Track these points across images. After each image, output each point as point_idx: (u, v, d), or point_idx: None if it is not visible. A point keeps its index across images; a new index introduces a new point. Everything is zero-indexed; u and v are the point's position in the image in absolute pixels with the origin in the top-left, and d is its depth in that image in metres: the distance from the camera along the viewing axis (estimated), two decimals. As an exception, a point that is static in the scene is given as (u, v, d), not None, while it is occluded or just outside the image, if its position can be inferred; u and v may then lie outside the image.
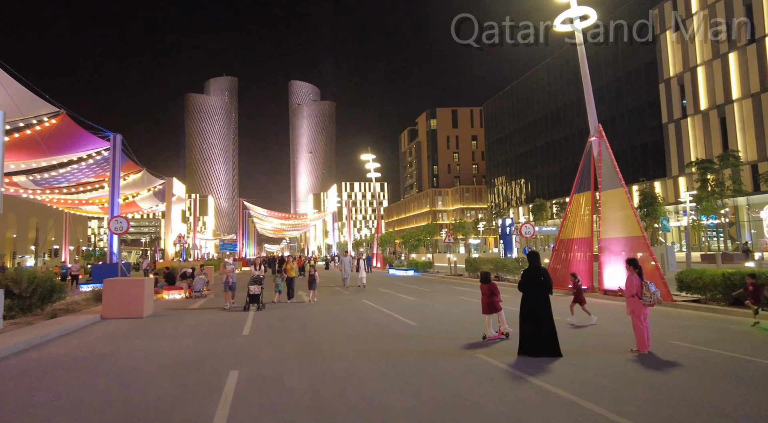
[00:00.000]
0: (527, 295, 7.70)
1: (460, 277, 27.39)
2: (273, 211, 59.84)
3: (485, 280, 8.67)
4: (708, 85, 42.57)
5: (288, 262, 16.46)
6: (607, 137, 15.61)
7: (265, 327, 10.24)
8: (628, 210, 14.66)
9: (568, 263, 17.04)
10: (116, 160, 25.48)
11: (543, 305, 7.55)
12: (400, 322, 10.60)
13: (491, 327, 8.57)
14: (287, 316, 11.77)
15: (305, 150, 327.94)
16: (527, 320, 7.53)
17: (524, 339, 7.49)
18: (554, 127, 67.73)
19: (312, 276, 15.50)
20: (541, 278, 7.73)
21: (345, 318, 11.56)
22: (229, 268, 14.38)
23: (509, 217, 38.96)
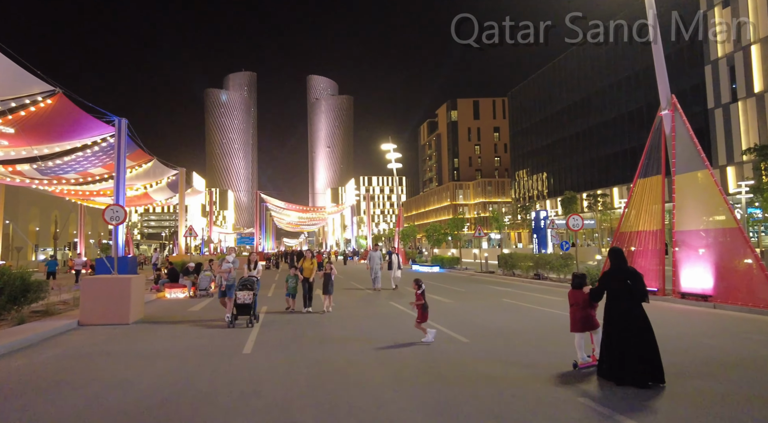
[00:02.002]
0: (613, 305, 5.69)
1: (492, 274, 24.94)
2: (290, 204, 58.09)
3: (579, 285, 6.28)
4: (764, 65, 38.85)
5: (305, 259, 12.59)
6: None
7: (273, 344, 7.98)
8: (716, 196, 12.01)
9: (632, 260, 14.45)
10: (121, 146, 23.58)
11: (636, 316, 5.56)
12: (444, 337, 8.30)
13: (582, 350, 6.18)
14: (299, 330, 9.19)
15: (323, 144, 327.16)
16: (614, 337, 5.58)
17: (610, 361, 5.60)
18: (584, 115, 64.19)
19: (328, 276, 12.07)
20: (628, 281, 5.69)
21: (373, 330, 9.24)
22: (225, 267, 10.52)
23: (544, 210, 36.20)
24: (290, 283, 12.02)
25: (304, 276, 12.20)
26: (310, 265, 12.47)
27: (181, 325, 9.71)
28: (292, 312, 11.69)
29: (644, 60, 52.96)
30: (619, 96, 57.33)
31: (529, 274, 21.71)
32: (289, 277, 12.17)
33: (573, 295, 6.29)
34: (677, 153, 13.29)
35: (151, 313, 11.59)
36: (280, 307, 12.54)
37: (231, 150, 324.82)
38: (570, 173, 67.48)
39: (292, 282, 12.03)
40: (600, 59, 61.08)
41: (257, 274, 10.62)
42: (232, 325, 9.34)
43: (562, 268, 19.15)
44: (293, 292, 12.00)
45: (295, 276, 12.15)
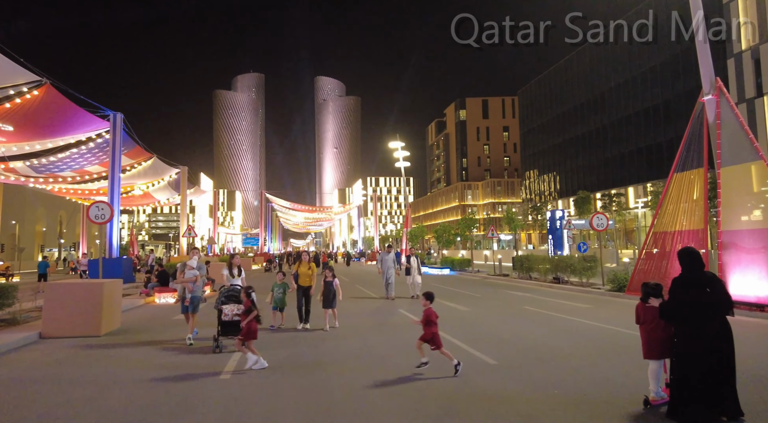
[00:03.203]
0: (688, 320, 4.33)
1: (506, 277, 23.47)
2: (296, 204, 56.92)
3: (650, 297, 4.88)
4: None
5: (301, 262, 9.92)
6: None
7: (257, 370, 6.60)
8: (774, 191, 10.53)
9: (668, 264, 12.97)
10: (116, 142, 22.53)
11: (720, 336, 4.23)
12: (467, 358, 6.90)
13: (658, 381, 4.77)
14: (291, 352, 7.38)
15: (331, 145, 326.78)
16: (691, 363, 4.23)
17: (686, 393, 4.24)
18: (597, 113, 62.36)
19: (329, 285, 9.45)
20: (707, 290, 4.33)
21: (383, 352, 7.52)
22: (189, 274, 8.27)
23: (560, 210, 34.66)
24: (276, 293, 9.54)
25: (300, 284, 9.74)
26: (306, 270, 9.80)
27: (158, 339, 8.35)
28: (279, 330, 9.33)
29: (660, 56, 51.19)
30: (633, 93, 55.50)
31: (548, 277, 20.23)
32: (275, 285, 9.63)
33: (646, 311, 4.87)
34: (723, 143, 11.80)
35: (131, 323, 10.32)
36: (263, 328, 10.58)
37: (239, 151, 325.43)
38: (583, 173, 65.66)
39: (278, 291, 9.56)
40: (613, 56, 59.27)
41: (242, 283, 8.57)
42: (218, 349, 7.35)
43: (584, 271, 17.65)
44: (280, 304, 9.57)
45: (282, 284, 9.66)
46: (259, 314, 6.79)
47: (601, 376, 5.83)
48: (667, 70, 50.51)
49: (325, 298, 9.43)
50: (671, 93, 49.83)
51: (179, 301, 8.58)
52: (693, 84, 47.59)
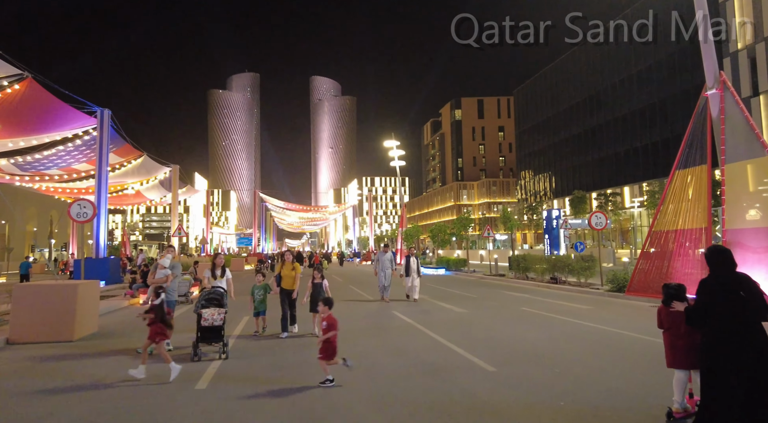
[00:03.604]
0: (718, 328, 3.78)
1: (502, 277, 23.07)
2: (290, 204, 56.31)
3: (673, 300, 4.41)
4: (786, 58, 36.87)
5: (284, 263, 9.07)
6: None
7: (237, 379, 5.94)
8: (781, 188, 10.15)
9: (670, 264, 12.59)
10: (103, 139, 21.88)
11: (756, 347, 3.65)
12: (464, 363, 6.45)
13: (683, 391, 4.31)
14: (275, 360, 6.68)
15: (326, 145, 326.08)
16: (722, 378, 3.66)
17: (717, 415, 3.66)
18: (593, 113, 62.21)
19: (317, 287, 8.60)
20: (741, 293, 3.78)
21: (377, 358, 6.97)
22: (161, 274, 7.68)
23: (556, 210, 34.35)
24: (256, 296, 8.77)
25: (282, 287, 8.88)
26: (290, 271, 8.90)
27: (134, 346, 7.69)
28: (261, 336, 8.60)
29: (655, 55, 51.06)
30: (629, 93, 55.36)
31: (545, 277, 19.84)
32: (255, 288, 8.84)
33: (670, 316, 4.41)
34: (727, 139, 11.41)
35: (109, 326, 9.78)
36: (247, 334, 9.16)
37: (234, 151, 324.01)
38: (578, 172, 65.49)
39: (258, 294, 8.79)
40: (609, 55, 59.14)
41: (225, 286, 7.92)
42: (196, 358, 6.69)
43: (583, 271, 17.26)
44: (261, 308, 8.79)
45: (263, 286, 8.90)
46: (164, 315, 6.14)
47: (611, 385, 5.39)
48: (663, 69, 50.39)
49: (313, 300, 8.55)
50: (667, 92, 49.69)
51: (147, 304, 7.95)
52: (689, 83, 47.48)
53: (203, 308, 6.98)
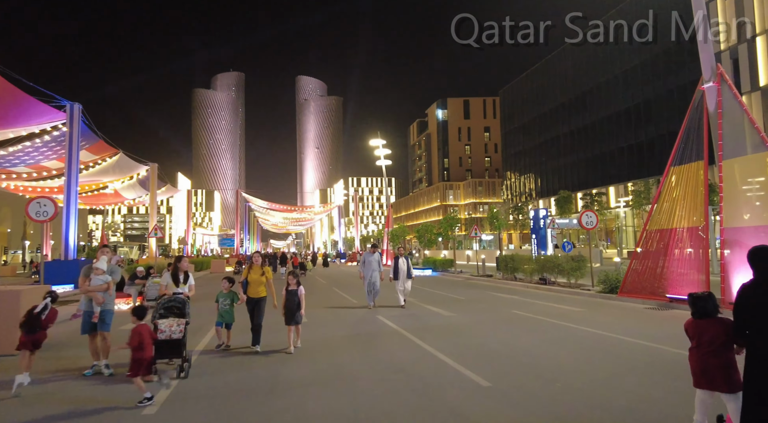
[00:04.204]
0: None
1: (490, 278, 22.57)
2: (274, 204, 55.25)
3: (706, 313, 3.77)
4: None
5: (252, 266, 7.85)
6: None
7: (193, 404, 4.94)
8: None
9: (665, 264, 12.14)
10: (73, 135, 20.75)
11: None
12: (455, 377, 5.78)
13: (704, 413, 3.68)
14: (240, 380, 5.69)
15: (312, 145, 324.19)
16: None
17: None
18: (578, 113, 62.37)
19: (292, 295, 7.49)
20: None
21: (355, 371, 6.23)
22: (96, 281, 6.29)
23: (543, 209, 34.03)
24: (221, 305, 7.66)
25: (249, 295, 7.66)
26: (258, 276, 7.67)
27: (82, 364, 6.61)
28: (227, 350, 7.60)
29: (640, 56, 51.27)
30: (614, 93, 55.57)
31: (533, 278, 19.37)
32: (220, 295, 7.75)
33: (698, 329, 3.76)
34: (724, 134, 10.99)
35: (62, 336, 8.86)
36: (236, 338, 8.10)
37: (218, 151, 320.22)
38: (564, 172, 65.64)
39: (223, 302, 7.68)
40: (594, 56, 59.32)
41: (188, 292, 6.93)
42: (152, 373, 5.59)
43: (573, 271, 16.79)
44: (227, 318, 7.68)
45: (229, 293, 7.78)
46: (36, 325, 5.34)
47: (620, 402, 4.77)
48: (648, 70, 50.58)
49: (287, 311, 7.41)
50: (651, 93, 49.90)
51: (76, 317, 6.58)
52: (673, 84, 47.73)
53: (161, 318, 6.04)
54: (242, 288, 7.78)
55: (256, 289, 7.66)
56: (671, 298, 11.67)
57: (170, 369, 6.27)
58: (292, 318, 7.43)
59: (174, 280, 6.94)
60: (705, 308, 3.71)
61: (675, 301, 11.57)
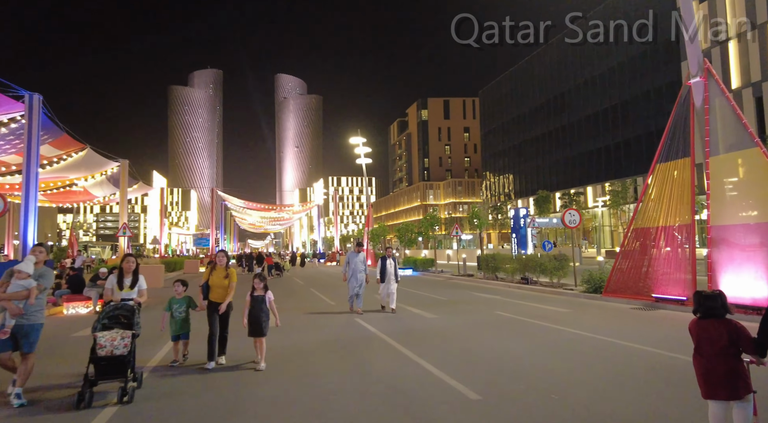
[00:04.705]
0: None
1: (471, 277, 22.22)
2: (251, 203, 53.97)
3: (716, 313, 3.34)
4: (741, 61, 37.94)
5: (215, 268, 6.70)
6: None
7: None
8: (772, 181, 9.49)
9: (651, 263, 11.89)
10: (33, 127, 19.40)
11: None
12: (442, 388, 5.24)
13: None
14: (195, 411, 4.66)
15: (291, 144, 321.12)
16: None
17: None
18: (557, 114, 62.96)
19: (258, 302, 6.34)
20: None
21: (330, 390, 5.44)
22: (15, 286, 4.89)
23: (523, 208, 33.95)
24: (175, 314, 6.52)
25: (210, 299, 6.49)
26: (221, 279, 6.51)
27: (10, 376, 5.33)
28: (182, 368, 6.36)
29: (617, 57, 51.94)
30: (592, 94, 56.20)
31: (515, 277, 19.07)
32: (173, 301, 6.60)
33: (702, 331, 3.33)
34: (711, 129, 10.77)
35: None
36: (193, 352, 6.82)
37: (195, 149, 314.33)
38: (542, 172, 66.18)
39: (177, 310, 6.53)
40: (572, 57, 59.93)
41: (139, 298, 5.91)
42: (83, 404, 4.66)
43: (555, 271, 16.51)
44: (181, 329, 6.51)
45: (184, 299, 6.61)
46: None
47: (625, 417, 4.29)
48: (624, 71, 51.25)
49: (252, 321, 6.22)
50: (628, 94, 50.57)
51: None
52: (650, 85, 48.47)
53: (103, 330, 5.10)
54: (202, 292, 6.56)
55: (219, 294, 6.48)
56: (657, 298, 11.42)
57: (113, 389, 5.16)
58: (258, 329, 6.24)
59: (118, 283, 5.87)
60: (713, 308, 3.30)
61: (661, 301, 11.31)
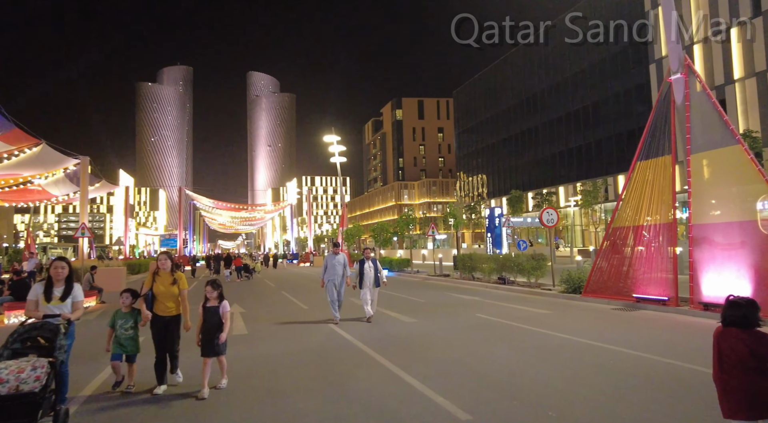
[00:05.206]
0: None
1: (447, 278, 21.86)
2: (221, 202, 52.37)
3: (747, 322, 2.91)
4: (705, 65, 38.98)
5: (159, 273, 5.55)
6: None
7: None
8: (755, 179, 9.35)
9: (631, 262, 11.69)
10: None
11: None
12: (426, 407, 4.67)
13: None
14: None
15: (264, 143, 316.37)
16: None
17: None
18: (529, 114, 63.69)
19: (211, 314, 5.35)
20: None
21: (299, 401, 4.96)
22: None
23: (498, 208, 33.90)
24: (119, 331, 5.41)
25: (156, 312, 5.43)
26: (167, 286, 5.45)
27: None
28: (129, 393, 5.32)
29: (589, 59, 52.82)
30: (564, 95, 57.02)
31: (492, 277, 18.80)
32: (118, 316, 5.48)
33: (724, 341, 2.91)
34: (693, 126, 10.61)
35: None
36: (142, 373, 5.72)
37: (164, 147, 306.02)
38: (515, 173, 66.84)
39: (123, 327, 5.42)
40: (545, 59, 60.70)
41: (71, 314, 4.67)
42: None
43: (533, 270, 16.26)
44: (129, 348, 5.41)
45: (131, 313, 5.52)
46: None
47: None
48: (596, 73, 52.13)
49: (204, 337, 5.25)
50: (599, 95, 51.45)
51: None
52: (619, 87, 49.42)
53: (12, 358, 3.95)
54: (145, 303, 5.42)
55: (165, 305, 5.41)
56: (638, 298, 11.22)
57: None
58: (210, 347, 5.24)
59: (45, 293, 4.65)
60: (734, 317, 2.91)
61: (642, 301, 11.11)
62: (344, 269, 10.33)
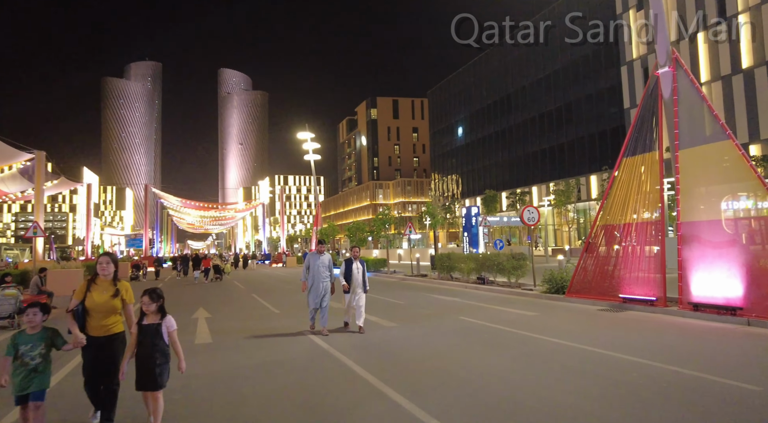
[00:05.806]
0: None
1: (425, 278, 21.33)
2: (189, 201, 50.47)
3: None
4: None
5: (96, 280, 4.15)
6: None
7: None
8: (746, 175, 9.05)
9: (618, 261, 11.33)
10: None
11: None
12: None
13: None
14: None
15: (235, 141, 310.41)
16: None
17: None
18: (503, 115, 64.06)
19: (151, 334, 3.99)
20: None
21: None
22: None
23: (475, 207, 33.66)
24: (24, 358, 3.76)
25: (90, 333, 4.06)
26: (107, 298, 4.11)
27: None
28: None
29: (561, 61, 53.41)
30: (538, 95, 57.51)
31: (471, 277, 18.35)
32: (21, 339, 3.82)
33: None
34: (681, 121, 10.29)
35: None
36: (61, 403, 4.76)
37: (131, 145, 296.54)
38: (489, 172, 67.14)
39: (30, 354, 3.77)
40: (519, 59, 61.13)
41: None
42: None
43: (514, 270, 15.84)
44: (36, 383, 3.76)
45: (42, 334, 3.89)
46: None
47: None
48: (569, 74, 52.72)
49: (140, 364, 4.00)
50: (573, 96, 52.05)
51: None
52: (591, 89, 50.09)
53: None
54: (75, 320, 4.09)
55: (102, 323, 4.10)
56: (625, 299, 10.85)
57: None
58: (149, 378, 3.98)
59: None
60: None
61: (629, 301, 10.75)
62: (330, 272, 8.78)
